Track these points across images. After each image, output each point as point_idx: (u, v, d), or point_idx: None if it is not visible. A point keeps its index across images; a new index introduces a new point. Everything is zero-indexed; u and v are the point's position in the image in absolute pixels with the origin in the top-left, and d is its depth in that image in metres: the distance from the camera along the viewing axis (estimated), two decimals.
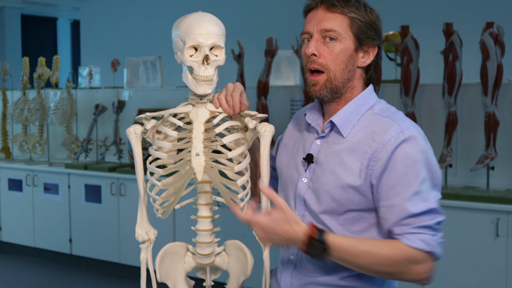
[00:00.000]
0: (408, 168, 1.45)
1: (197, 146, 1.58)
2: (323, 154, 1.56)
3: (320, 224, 1.54)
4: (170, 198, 1.66)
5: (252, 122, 1.60)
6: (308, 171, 1.58)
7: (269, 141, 1.59)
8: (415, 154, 1.46)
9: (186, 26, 1.56)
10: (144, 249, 1.69)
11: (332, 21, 1.52)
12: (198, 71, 1.56)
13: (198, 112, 1.61)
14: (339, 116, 1.56)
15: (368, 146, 1.49)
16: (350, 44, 1.53)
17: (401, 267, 1.43)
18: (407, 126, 1.49)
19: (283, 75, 4.83)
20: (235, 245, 1.71)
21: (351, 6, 1.53)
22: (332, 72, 1.52)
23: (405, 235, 1.43)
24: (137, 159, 1.65)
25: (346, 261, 1.43)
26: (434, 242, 1.43)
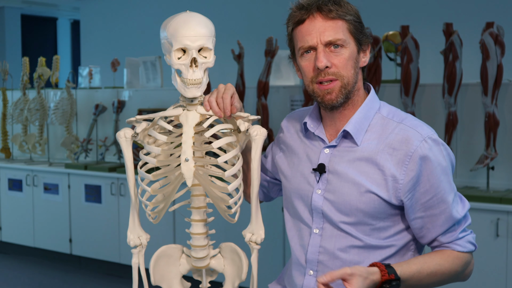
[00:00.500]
0: (442, 176, 1.47)
1: (186, 151, 1.53)
2: (338, 163, 1.52)
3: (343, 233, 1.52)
4: (161, 203, 1.63)
5: (244, 124, 1.56)
6: (321, 182, 1.54)
7: (261, 145, 1.55)
8: (443, 160, 1.48)
9: (173, 28, 1.52)
10: (136, 254, 1.66)
11: (334, 30, 1.47)
12: (186, 74, 1.52)
13: (188, 115, 1.57)
14: (351, 124, 1.52)
15: (388, 155, 1.47)
16: (353, 47, 1.50)
17: (460, 273, 1.54)
18: (426, 132, 1.49)
19: (283, 75, 4.83)
20: (230, 247, 1.69)
21: (343, 7, 1.48)
22: (346, 79, 1.48)
23: (456, 242, 1.51)
24: (127, 163, 1.60)
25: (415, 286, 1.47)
26: (474, 239, 1.57)
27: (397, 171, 1.46)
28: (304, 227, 1.59)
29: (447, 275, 1.49)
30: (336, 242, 1.53)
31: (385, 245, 1.52)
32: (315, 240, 1.55)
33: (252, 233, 1.60)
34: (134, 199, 1.63)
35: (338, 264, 1.52)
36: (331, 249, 1.53)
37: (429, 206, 1.48)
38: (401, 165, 1.45)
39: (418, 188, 1.46)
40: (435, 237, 1.51)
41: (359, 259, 1.52)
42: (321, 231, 1.54)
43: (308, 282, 1.57)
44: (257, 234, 1.59)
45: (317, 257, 1.55)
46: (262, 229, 1.60)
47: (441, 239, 1.51)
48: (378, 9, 5.41)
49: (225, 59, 5.19)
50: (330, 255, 1.53)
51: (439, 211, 1.48)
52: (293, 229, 1.63)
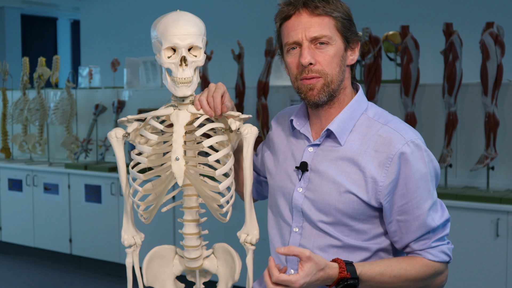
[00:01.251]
0: (420, 181, 1.45)
1: (176, 150, 1.52)
2: (320, 162, 1.51)
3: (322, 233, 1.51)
4: (153, 203, 1.62)
5: (235, 123, 1.55)
6: (303, 180, 1.53)
7: (252, 143, 1.54)
8: (424, 166, 1.46)
9: (162, 27, 1.52)
10: (130, 253, 1.66)
11: (320, 26, 1.45)
12: (176, 73, 1.51)
13: (179, 115, 1.56)
14: (336, 123, 1.50)
15: (370, 157, 1.46)
16: (340, 45, 1.48)
17: (428, 281, 1.49)
18: (410, 136, 1.47)
19: (283, 75, 4.83)
20: (223, 248, 1.68)
21: (331, 4, 1.46)
22: (330, 76, 1.47)
23: (428, 250, 1.48)
24: (119, 163, 1.61)
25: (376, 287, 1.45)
26: (450, 251, 1.52)
27: (377, 173, 1.44)
28: (285, 225, 1.58)
29: (411, 281, 1.46)
30: (315, 241, 1.52)
31: (364, 247, 1.51)
32: (295, 239, 1.55)
33: (247, 234, 1.59)
34: (127, 199, 1.63)
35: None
36: (311, 248, 1.52)
37: (404, 211, 1.46)
38: (382, 168, 1.44)
39: (396, 191, 1.45)
40: (408, 243, 1.49)
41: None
42: (301, 230, 1.54)
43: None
44: (251, 234, 1.59)
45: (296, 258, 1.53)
46: (257, 229, 1.59)
47: (413, 245, 1.49)
48: (378, 9, 5.40)
49: (225, 59, 5.20)
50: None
51: (413, 217, 1.46)
52: (275, 228, 1.63)
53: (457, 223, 3.45)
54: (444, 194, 3.53)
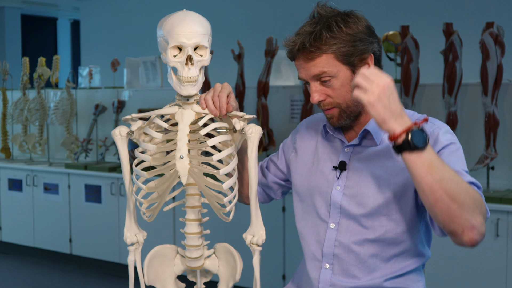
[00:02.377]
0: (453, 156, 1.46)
1: (181, 149, 1.53)
2: (358, 160, 1.58)
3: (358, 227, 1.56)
4: (156, 201, 1.62)
5: (240, 123, 1.56)
6: (341, 179, 1.59)
7: (257, 143, 1.55)
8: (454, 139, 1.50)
9: (169, 26, 1.52)
10: (132, 251, 1.66)
11: (316, 67, 1.50)
12: (181, 72, 1.52)
13: (183, 114, 1.57)
14: (372, 124, 1.56)
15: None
16: (345, 72, 1.51)
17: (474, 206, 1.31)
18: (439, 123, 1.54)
19: (283, 75, 4.83)
20: (225, 248, 1.68)
21: (326, 40, 1.48)
22: (343, 104, 1.53)
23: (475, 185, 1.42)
24: (123, 161, 1.62)
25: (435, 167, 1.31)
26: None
27: None
28: (321, 223, 1.62)
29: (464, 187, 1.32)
30: (351, 236, 1.57)
31: (399, 240, 1.56)
32: (331, 235, 1.59)
33: (253, 235, 1.59)
34: (130, 197, 1.64)
35: (352, 257, 1.57)
36: (346, 243, 1.57)
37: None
38: None
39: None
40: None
41: (373, 253, 1.56)
42: (337, 226, 1.59)
43: (324, 275, 1.61)
44: (257, 235, 1.59)
45: (333, 251, 1.59)
46: (263, 230, 1.59)
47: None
48: (378, 9, 5.40)
49: (225, 59, 5.20)
50: (345, 249, 1.57)
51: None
52: (307, 226, 1.66)
53: None
54: None
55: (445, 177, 1.30)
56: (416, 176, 1.32)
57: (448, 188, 1.30)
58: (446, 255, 3.47)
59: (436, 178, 1.30)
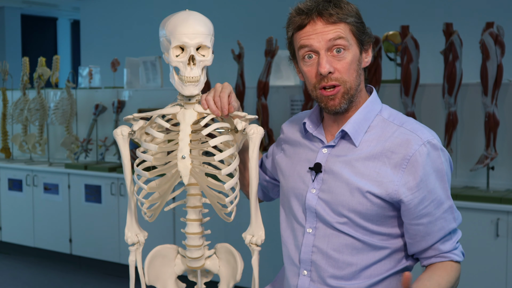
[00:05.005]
0: (438, 181, 1.44)
1: (183, 149, 1.53)
2: (334, 163, 1.50)
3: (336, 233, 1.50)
4: (157, 201, 1.62)
5: (241, 123, 1.56)
6: (316, 181, 1.52)
7: (258, 143, 1.55)
8: (441, 165, 1.45)
9: (172, 26, 1.52)
10: (133, 251, 1.66)
11: (336, 33, 1.43)
12: (184, 71, 1.52)
13: (185, 114, 1.57)
14: (350, 124, 1.50)
15: (386, 158, 1.45)
16: (356, 49, 1.47)
17: (455, 285, 1.49)
18: (426, 136, 1.45)
19: (283, 75, 4.83)
20: (226, 248, 1.68)
21: (344, 9, 1.44)
22: (348, 84, 1.46)
23: (454, 252, 1.49)
24: (124, 161, 1.61)
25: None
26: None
27: (394, 174, 1.43)
28: (298, 226, 1.57)
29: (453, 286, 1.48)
30: (329, 242, 1.51)
31: (379, 246, 1.50)
32: (308, 240, 1.54)
33: (252, 235, 1.60)
34: (131, 197, 1.63)
35: (331, 264, 1.51)
36: (324, 249, 1.51)
37: (426, 213, 1.44)
38: (398, 168, 1.43)
39: (416, 194, 1.43)
40: (431, 244, 1.48)
41: (352, 260, 1.50)
42: (314, 231, 1.53)
43: (303, 282, 1.56)
44: (257, 235, 1.59)
45: (310, 257, 1.53)
46: (262, 230, 1.59)
47: (441, 246, 1.48)
48: (378, 9, 5.41)
49: (225, 59, 5.20)
50: (324, 255, 1.52)
51: (435, 218, 1.45)
52: (287, 229, 1.62)
53: None
54: None
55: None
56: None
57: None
58: None
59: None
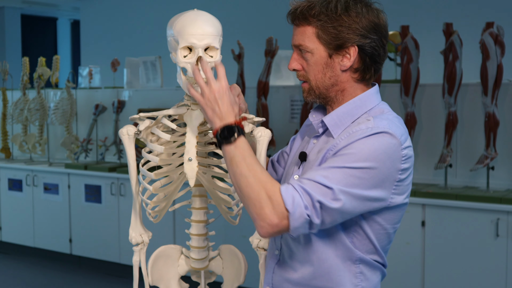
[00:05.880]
0: (356, 149, 1.39)
1: (190, 151, 1.53)
2: (315, 153, 1.54)
3: None
4: (162, 202, 1.61)
5: (249, 126, 1.56)
6: (300, 168, 1.55)
7: (265, 146, 1.55)
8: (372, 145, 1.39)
9: (180, 26, 1.50)
10: (137, 251, 1.66)
11: (299, 36, 1.51)
12: (191, 73, 1.50)
13: (192, 115, 1.56)
14: (330, 117, 1.52)
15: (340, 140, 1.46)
16: (321, 53, 1.49)
17: (259, 198, 1.36)
18: (383, 124, 1.42)
19: (283, 75, 4.83)
20: (230, 250, 1.68)
21: (316, 13, 1.47)
22: (313, 82, 1.52)
23: (288, 185, 1.38)
24: (130, 161, 1.61)
25: (233, 161, 1.41)
26: (300, 210, 1.35)
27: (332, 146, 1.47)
28: None
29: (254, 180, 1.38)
30: None
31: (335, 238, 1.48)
32: None
33: (259, 239, 1.60)
34: (136, 197, 1.62)
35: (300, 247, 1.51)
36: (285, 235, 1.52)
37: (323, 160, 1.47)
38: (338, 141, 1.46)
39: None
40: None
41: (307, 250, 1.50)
42: None
43: (272, 261, 1.58)
44: (264, 239, 1.59)
45: (280, 240, 1.56)
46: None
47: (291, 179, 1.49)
48: None
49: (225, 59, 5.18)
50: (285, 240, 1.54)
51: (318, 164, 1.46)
52: None
53: (457, 223, 3.45)
54: (444, 194, 3.53)
55: (237, 173, 1.40)
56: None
57: (237, 180, 1.41)
58: (446, 255, 3.47)
59: (232, 170, 1.42)
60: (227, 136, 1.41)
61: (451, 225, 3.46)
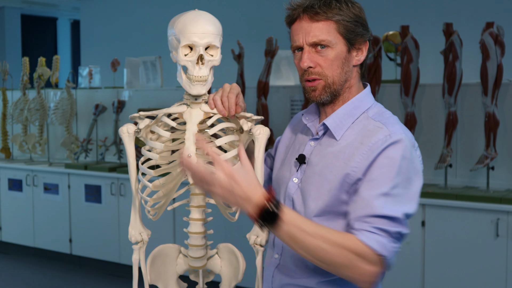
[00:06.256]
0: (386, 168, 1.41)
1: (189, 148, 1.54)
2: (315, 156, 1.54)
3: None
4: (161, 199, 1.62)
5: (247, 124, 1.57)
6: (299, 171, 1.55)
7: (264, 144, 1.56)
8: (396, 157, 1.42)
9: (181, 25, 1.53)
10: (137, 250, 1.66)
11: (320, 31, 1.48)
12: (192, 71, 1.53)
13: (192, 113, 1.58)
14: (332, 118, 1.53)
15: (355, 149, 1.47)
16: (342, 47, 1.50)
17: (349, 260, 1.34)
18: (396, 130, 1.46)
19: (283, 75, 4.83)
20: (228, 248, 1.68)
21: (333, 8, 1.48)
22: (330, 78, 1.50)
23: (363, 232, 1.37)
24: (129, 159, 1.62)
25: (295, 238, 1.33)
26: (390, 248, 1.37)
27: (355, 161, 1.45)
28: None
29: (334, 248, 1.33)
30: None
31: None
32: None
33: (256, 235, 1.61)
34: (136, 195, 1.63)
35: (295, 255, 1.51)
36: None
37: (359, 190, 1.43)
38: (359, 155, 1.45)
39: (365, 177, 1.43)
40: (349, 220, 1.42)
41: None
42: None
43: (272, 265, 1.59)
44: (261, 236, 1.60)
45: (282, 243, 1.55)
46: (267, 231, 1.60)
47: (354, 224, 1.40)
48: (378, 9, 5.40)
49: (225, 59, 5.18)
50: None
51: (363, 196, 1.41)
52: None
53: (457, 223, 3.45)
54: (444, 194, 3.53)
55: (306, 245, 1.33)
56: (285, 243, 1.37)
57: (313, 254, 1.35)
58: (446, 255, 3.47)
59: (299, 246, 1.34)
60: (270, 220, 1.31)
61: (451, 225, 3.46)
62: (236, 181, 1.30)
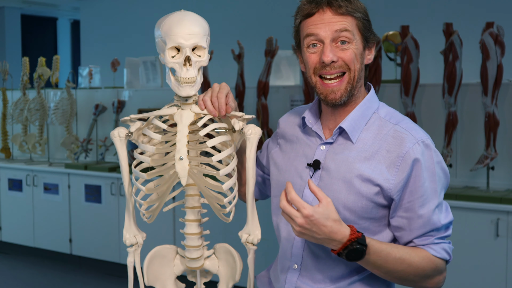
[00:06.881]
0: (428, 180, 1.46)
1: (180, 150, 1.53)
2: (332, 160, 1.51)
3: None
4: (155, 202, 1.62)
5: (239, 123, 1.55)
6: (314, 178, 1.52)
7: (256, 143, 1.54)
8: (432, 166, 1.47)
9: (167, 27, 1.52)
10: (132, 252, 1.66)
11: (344, 23, 1.46)
12: (180, 72, 1.52)
13: (182, 114, 1.56)
14: (348, 121, 1.51)
15: (382, 157, 1.46)
16: (360, 44, 1.49)
17: (427, 276, 1.48)
18: (421, 136, 1.48)
19: (283, 75, 4.83)
20: (225, 248, 1.68)
21: (353, 4, 1.48)
22: (352, 73, 1.48)
23: (430, 246, 1.48)
24: (122, 162, 1.60)
25: (379, 266, 1.43)
26: (451, 249, 1.51)
27: (388, 172, 1.45)
28: None
29: (413, 269, 1.45)
30: None
31: None
32: None
33: (248, 234, 1.60)
34: (129, 198, 1.63)
35: (321, 261, 1.52)
36: (313, 246, 1.52)
37: (409, 208, 1.46)
38: (392, 167, 1.45)
39: (405, 189, 1.46)
40: (411, 239, 1.49)
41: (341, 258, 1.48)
42: None
43: (292, 276, 1.56)
44: (253, 234, 1.59)
45: (302, 252, 1.54)
46: (259, 229, 1.60)
47: (416, 241, 1.49)
48: (378, 9, 5.40)
49: (225, 59, 5.20)
50: (312, 252, 1.53)
51: (417, 215, 1.46)
52: (282, 221, 1.60)
53: (457, 223, 3.45)
54: (444, 194, 3.52)
55: (391, 270, 1.45)
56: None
57: (394, 276, 1.46)
58: None
59: (383, 271, 1.45)
60: (357, 257, 1.39)
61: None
62: (319, 225, 1.35)
